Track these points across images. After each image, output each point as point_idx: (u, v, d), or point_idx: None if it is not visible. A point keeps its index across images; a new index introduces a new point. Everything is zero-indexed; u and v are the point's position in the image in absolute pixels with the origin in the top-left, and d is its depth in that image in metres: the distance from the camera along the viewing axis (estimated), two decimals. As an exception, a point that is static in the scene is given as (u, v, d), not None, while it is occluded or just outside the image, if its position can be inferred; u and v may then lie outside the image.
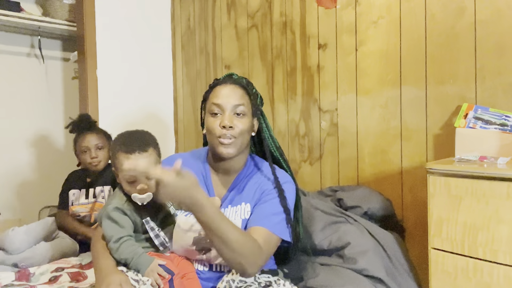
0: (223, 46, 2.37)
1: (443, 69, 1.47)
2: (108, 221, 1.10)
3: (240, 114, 1.14)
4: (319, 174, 1.89)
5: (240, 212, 1.15)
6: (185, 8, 2.67)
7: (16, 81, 2.99)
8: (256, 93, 1.23)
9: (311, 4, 1.89)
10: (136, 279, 1.03)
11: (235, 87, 1.16)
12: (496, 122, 1.25)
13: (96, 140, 1.95)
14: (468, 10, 1.40)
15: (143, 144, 1.13)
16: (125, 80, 2.52)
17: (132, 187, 1.10)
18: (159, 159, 1.19)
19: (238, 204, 1.17)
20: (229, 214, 1.15)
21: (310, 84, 1.91)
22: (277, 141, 1.28)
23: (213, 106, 1.14)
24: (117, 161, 1.12)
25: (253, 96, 1.19)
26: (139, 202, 1.10)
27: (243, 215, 1.14)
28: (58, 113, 3.21)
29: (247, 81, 1.23)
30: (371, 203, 1.48)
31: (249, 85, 1.21)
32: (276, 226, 1.08)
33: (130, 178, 1.10)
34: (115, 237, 1.07)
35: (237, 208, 1.16)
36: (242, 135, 1.14)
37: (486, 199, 1.02)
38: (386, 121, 1.63)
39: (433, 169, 1.12)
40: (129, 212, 1.11)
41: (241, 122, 1.13)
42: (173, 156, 1.35)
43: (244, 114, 1.14)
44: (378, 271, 1.23)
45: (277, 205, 1.11)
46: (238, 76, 1.24)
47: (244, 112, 1.14)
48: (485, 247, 1.03)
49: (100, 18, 2.40)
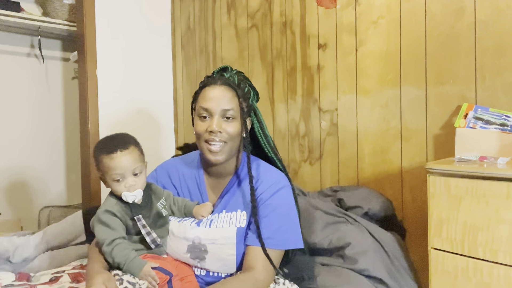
0: (223, 46, 2.37)
1: (443, 69, 1.47)
2: (99, 225, 1.10)
3: (229, 118, 1.09)
4: (319, 174, 1.89)
5: (235, 220, 1.11)
6: (185, 8, 2.67)
7: (16, 81, 2.99)
8: (248, 91, 1.16)
9: (311, 4, 1.89)
10: (132, 282, 1.01)
11: (225, 89, 1.11)
12: (496, 122, 1.25)
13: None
14: (468, 10, 1.40)
15: (123, 142, 1.14)
16: (125, 80, 2.52)
17: (119, 185, 1.10)
18: (143, 157, 1.18)
19: (233, 210, 1.14)
20: (223, 220, 1.12)
21: (310, 84, 1.91)
22: (272, 139, 1.23)
23: (202, 110, 1.11)
24: (101, 164, 1.12)
25: (244, 97, 1.13)
26: (130, 200, 1.09)
27: (238, 223, 1.11)
28: (58, 113, 3.21)
29: (241, 77, 1.17)
30: (372, 203, 1.48)
31: (241, 84, 1.15)
32: (284, 241, 1.07)
33: (116, 177, 1.09)
34: (107, 240, 1.07)
35: (232, 215, 1.13)
36: (232, 139, 1.10)
37: (486, 199, 1.02)
38: (386, 121, 1.64)
39: (433, 169, 1.12)
40: (120, 213, 1.11)
41: (230, 126, 1.09)
42: (168, 162, 1.33)
43: (234, 117, 1.10)
44: (378, 271, 1.23)
45: (279, 217, 1.08)
46: (232, 71, 1.18)
47: (233, 116, 1.10)
48: (485, 247, 1.03)
49: (100, 18, 2.40)
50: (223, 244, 1.09)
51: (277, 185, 1.12)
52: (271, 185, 1.11)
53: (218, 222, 1.12)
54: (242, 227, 1.10)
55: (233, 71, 1.19)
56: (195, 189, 1.22)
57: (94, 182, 2.37)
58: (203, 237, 1.11)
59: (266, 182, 1.12)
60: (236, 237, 1.09)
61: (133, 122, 2.54)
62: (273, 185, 1.11)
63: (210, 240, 1.10)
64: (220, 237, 1.09)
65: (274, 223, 1.07)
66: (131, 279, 1.02)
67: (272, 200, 1.09)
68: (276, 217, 1.08)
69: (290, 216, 1.11)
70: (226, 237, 1.09)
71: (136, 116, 2.57)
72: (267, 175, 1.14)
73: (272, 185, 1.11)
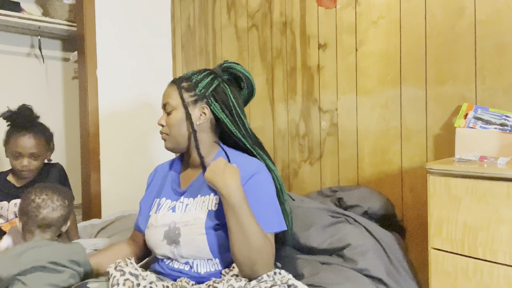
0: (223, 46, 2.37)
1: (443, 69, 1.47)
2: None
3: (169, 111, 1.23)
4: (319, 174, 1.89)
5: (208, 203, 1.15)
6: (185, 8, 2.67)
7: (16, 81, 2.99)
8: (196, 81, 1.23)
9: (311, 4, 1.89)
10: (135, 274, 0.99)
11: (169, 86, 1.27)
12: (496, 122, 1.25)
13: (33, 147, 1.59)
14: (468, 10, 1.40)
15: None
16: (125, 80, 2.52)
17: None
18: None
19: (206, 194, 1.17)
20: (197, 204, 1.16)
21: (310, 84, 1.91)
22: (248, 123, 1.25)
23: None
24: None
25: (188, 88, 1.22)
26: None
27: (210, 206, 1.14)
28: (58, 113, 3.21)
29: (195, 71, 1.27)
30: (371, 202, 1.48)
31: (192, 77, 1.25)
32: (267, 225, 1.07)
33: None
34: None
35: (205, 198, 1.17)
36: (173, 128, 1.21)
37: (486, 199, 1.02)
38: (386, 121, 1.64)
39: (433, 169, 1.12)
40: None
41: (169, 118, 1.22)
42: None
43: (172, 109, 1.22)
44: (378, 272, 1.22)
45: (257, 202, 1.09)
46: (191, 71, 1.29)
47: (171, 108, 1.22)
48: (485, 247, 1.03)
49: (100, 18, 2.40)
50: (193, 224, 1.12)
51: (249, 172, 1.14)
52: (244, 173, 1.13)
53: (192, 206, 1.17)
54: (213, 210, 1.13)
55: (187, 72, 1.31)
56: (165, 178, 1.31)
57: (94, 182, 2.37)
58: (177, 220, 1.15)
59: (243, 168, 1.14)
60: (206, 218, 1.12)
61: (134, 122, 2.54)
62: (245, 172, 1.13)
63: (184, 222, 1.14)
64: (191, 219, 1.13)
65: (253, 209, 1.07)
66: (133, 270, 1.00)
67: (246, 187, 1.11)
68: (254, 202, 1.08)
69: (267, 200, 1.12)
70: (196, 217, 1.13)
71: (136, 116, 2.57)
72: (241, 165, 1.15)
73: (245, 172, 1.13)
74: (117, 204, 2.43)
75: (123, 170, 2.49)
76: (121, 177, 2.48)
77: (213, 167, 1.06)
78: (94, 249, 1.46)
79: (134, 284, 0.97)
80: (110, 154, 2.43)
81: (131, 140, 2.52)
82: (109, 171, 2.43)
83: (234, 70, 1.27)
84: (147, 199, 1.32)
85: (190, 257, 1.13)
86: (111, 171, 2.44)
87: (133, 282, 0.97)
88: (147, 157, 2.59)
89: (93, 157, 2.36)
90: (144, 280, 0.99)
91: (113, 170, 2.45)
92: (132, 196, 2.46)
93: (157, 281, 1.03)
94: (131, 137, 2.52)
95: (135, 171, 2.53)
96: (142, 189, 1.49)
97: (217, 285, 1.00)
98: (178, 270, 1.15)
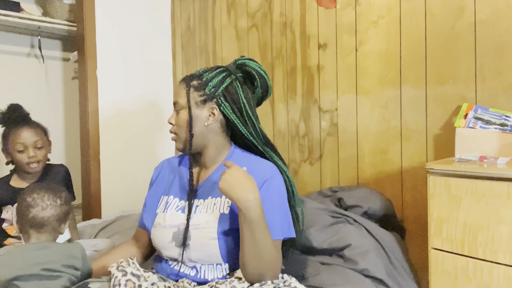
0: (223, 46, 2.37)
1: (443, 69, 1.47)
2: None
3: (179, 110, 1.18)
4: (319, 174, 1.89)
5: (219, 205, 1.11)
6: (185, 8, 2.67)
7: (16, 81, 3.00)
8: (207, 80, 1.17)
9: (311, 4, 1.89)
10: (137, 274, 0.98)
11: (179, 84, 1.21)
12: (496, 122, 1.25)
13: (35, 136, 1.63)
14: (468, 10, 1.40)
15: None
16: (125, 80, 2.52)
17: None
18: None
19: (218, 196, 1.13)
20: (208, 205, 1.12)
21: (310, 84, 1.91)
22: (259, 125, 1.20)
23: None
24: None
25: (197, 88, 1.16)
26: None
27: (221, 209, 1.10)
28: (58, 113, 3.21)
29: (206, 69, 1.21)
30: (371, 202, 1.48)
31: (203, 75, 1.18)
32: (276, 232, 1.06)
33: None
34: None
35: (216, 200, 1.12)
36: (181, 129, 1.18)
37: (486, 199, 1.02)
38: (386, 121, 1.64)
39: (433, 169, 1.12)
40: None
41: (178, 118, 1.19)
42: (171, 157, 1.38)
43: (181, 108, 1.18)
44: (378, 272, 1.22)
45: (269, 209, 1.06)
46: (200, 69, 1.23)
47: (180, 107, 1.18)
48: (485, 247, 1.03)
49: (100, 18, 2.40)
50: (204, 228, 1.08)
51: (262, 177, 1.11)
52: (257, 179, 1.08)
53: (202, 208, 1.13)
54: (225, 214, 1.09)
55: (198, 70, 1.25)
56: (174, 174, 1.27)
57: (94, 182, 2.37)
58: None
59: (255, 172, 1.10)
60: (218, 222, 1.08)
61: (134, 122, 2.54)
62: (258, 177, 1.09)
63: (194, 225, 1.09)
64: (202, 222, 1.09)
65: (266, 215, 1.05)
66: (135, 271, 0.99)
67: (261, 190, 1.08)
68: (265, 209, 1.04)
69: (277, 207, 1.09)
70: (208, 221, 1.09)
71: (137, 115, 2.57)
72: (253, 169, 1.11)
73: (257, 178, 1.09)
74: (117, 204, 2.43)
75: (123, 170, 2.49)
76: (121, 177, 2.48)
77: (230, 179, 0.98)
78: (94, 250, 1.45)
79: (135, 285, 0.96)
80: (110, 154, 2.43)
81: (131, 140, 2.53)
82: (109, 171, 2.43)
83: (248, 68, 1.20)
84: (154, 195, 1.27)
85: (199, 261, 1.09)
86: (111, 171, 2.44)
87: (135, 283, 0.96)
88: (147, 157, 2.59)
89: (93, 157, 2.36)
90: (145, 281, 0.98)
91: (113, 170, 2.45)
92: (132, 196, 2.47)
93: (158, 282, 1.02)
94: (131, 137, 2.52)
95: (135, 171, 2.53)
96: (142, 189, 1.49)
97: (219, 285, 1.00)
98: (182, 274, 1.11)
